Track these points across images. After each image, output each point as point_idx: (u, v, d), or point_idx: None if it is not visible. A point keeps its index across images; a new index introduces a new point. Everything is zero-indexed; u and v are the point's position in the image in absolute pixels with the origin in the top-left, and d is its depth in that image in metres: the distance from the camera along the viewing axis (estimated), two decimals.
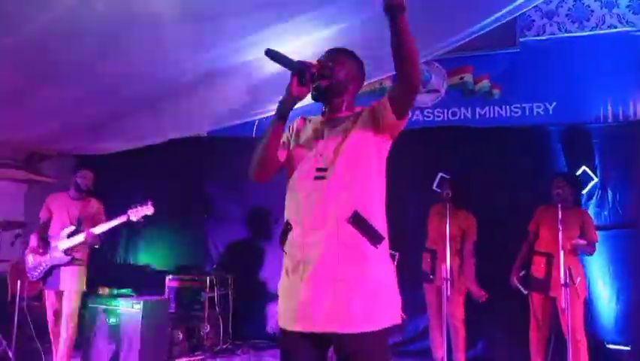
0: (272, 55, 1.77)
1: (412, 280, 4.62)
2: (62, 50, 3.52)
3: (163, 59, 3.93)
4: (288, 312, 1.79)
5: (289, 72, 1.81)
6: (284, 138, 1.95)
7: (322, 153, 1.82)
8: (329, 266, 1.71)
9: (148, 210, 4.02)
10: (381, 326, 1.70)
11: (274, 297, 5.55)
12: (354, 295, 1.69)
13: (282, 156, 1.92)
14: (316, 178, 1.79)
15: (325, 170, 1.79)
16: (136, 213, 4.00)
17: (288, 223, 1.85)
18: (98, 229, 4.01)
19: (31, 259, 4.12)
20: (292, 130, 2.00)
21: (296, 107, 1.86)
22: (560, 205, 3.66)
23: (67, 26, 3.17)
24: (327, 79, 1.84)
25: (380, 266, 1.76)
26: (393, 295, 1.79)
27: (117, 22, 3.25)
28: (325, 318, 1.68)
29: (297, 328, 1.73)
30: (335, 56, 1.91)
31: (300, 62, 1.77)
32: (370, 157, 1.82)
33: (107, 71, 3.95)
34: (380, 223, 1.79)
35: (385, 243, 1.79)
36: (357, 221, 1.73)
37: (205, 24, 3.49)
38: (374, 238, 1.74)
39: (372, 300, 1.70)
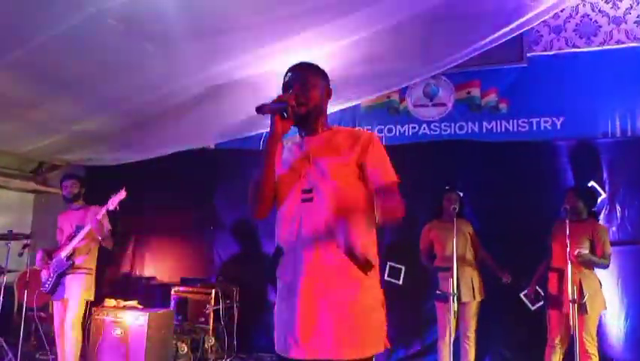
0: (264, 109, 1.75)
1: (418, 294, 4.60)
2: (73, 63, 3.57)
3: (172, 72, 3.98)
4: (281, 338, 1.78)
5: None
6: None
7: (308, 175, 1.81)
8: (318, 293, 1.71)
9: (121, 195, 4.08)
10: (369, 354, 1.73)
11: None
12: (342, 323, 1.69)
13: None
14: (303, 201, 1.78)
15: (311, 191, 1.78)
16: (112, 202, 4.06)
17: (279, 248, 1.85)
18: (98, 215, 4.06)
19: (43, 274, 4.18)
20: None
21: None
22: (567, 220, 3.62)
23: (79, 39, 3.22)
24: (304, 105, 1.82)
25: (369, 294, 1.76)
26: (381, 323, 1.79)
27: (128, 36, 3.29)
28: (315, 345, 1.69)
29: (291, 355, 1.73)
30: (305, 78, 1.87)
31: (279, 101, 1.76)
32: (358, 180, 1.82)
33: (117, 83, 4.00)
34: (370, 248, 1.78)
35: (375, 270, 1.79)
36: (350, 252, 1.70)
37: (214, 38, 3.53)
38: (364, 265, 1.73)
39: (361, 328, 1.71)
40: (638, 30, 4.87)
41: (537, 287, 4.07)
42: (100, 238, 4.11)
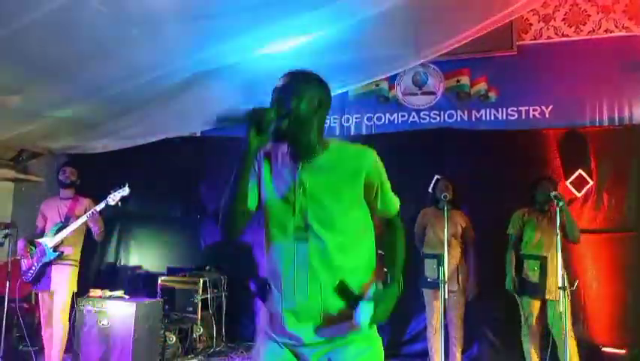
0: (223, 120, 1.62)
1: (406, 281, 4.60)
2: (55, 47, 3.46)
3: (157, 57, 3.89)
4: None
5: (282, 70, 1.69)
6: (253, 178, 1.69)
7: (302, 210, 1.60)
8: (314, 341, 1.62)
9: (124, 191, 4.04)
10: None
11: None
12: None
13: (252, 203, 1.67)
14: (297, 239, 1.61)
15: (306, 230, 1.60)
16: (114, 198, 4.01)
17: (268, 284, 1.71)
18: (97, 208, 4.00)
19: (24, 262, 4.09)
20: (260, 168, 1.72)
21: None
22: (559, 207, 3.62)
23: (61, 23, 3.11)
24: (286, 118, 1.58)
25: (369, 344, 1.65)
26: None
27: (112, 20, 3.19)
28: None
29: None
30: (291, 87, 1.63)
31: (253, 111, 1.55)
32: (358, 215, 1.67)
33: (100, 69, 3.89)
34: (372, 284, 1.67)
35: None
36: (344, 292, 1.59)
37: (200, 23, 3.45)
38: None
39: None
40: (626, 19, 4.88)
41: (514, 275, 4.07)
42: (96, 231, 4.04)
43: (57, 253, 4.00)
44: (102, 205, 4.02)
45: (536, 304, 3.88)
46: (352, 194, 1.63)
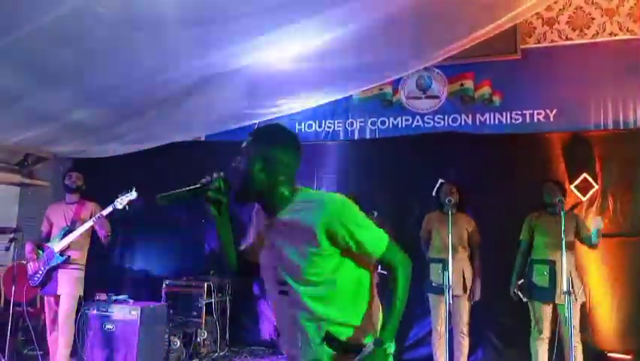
0: (165, 200, 1.61)
1: (410, 285, 4.59)
2: (61, 52, 3.48)
3: (162, 62, 3.91)
4: None
5: (286, 75, 1.73)
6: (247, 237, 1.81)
7: (277, 266, 1.62)
8: None
9: (131, 195, 4.03)
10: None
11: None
12: None
13: (232, 261, 1.77)
14: (280, 293, 1.63)
15: (285, 284, 1.60)
16: (121, 201, 4.00)
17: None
18: (104, 212, 4.00)
19: (30, 266, 4.09)
20: (257, 224, 1.77)
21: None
22: (561, 212, 3.62)
23: (68, 28, 3.13)
24: (239, 181, 1.60)
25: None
26: None
27: (118, 25, 3.21)
28: None
29: None
30: (245, 148, 1.62)
31: (196, 188, 1.60)
32: (332, 265, 1.58)
33: (106, 73, 3.92)
34: (364, 328, 1.62)
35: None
36: (331, 342, 1.58)
37: (204, 28, 3.47)
38: (357, 353, 1.56)
39: None
40: (630, 22, 4.88)
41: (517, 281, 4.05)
42: (104, 235, 4.05)
43: (64, 258, 4.01)
44: (110, 209, 4.02)
45: (547, 309, 3.84)
46: (312, 249, 1.55)
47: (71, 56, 3.56)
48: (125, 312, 4.15)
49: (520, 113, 5.11)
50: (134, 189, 4.05)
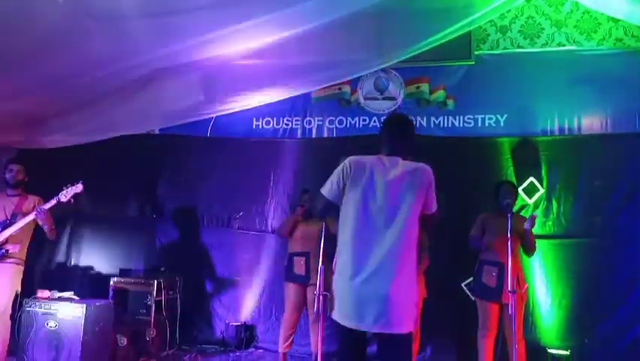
0: None
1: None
2: (7, 37, 3.32)
3: (115, 52, 3.80)
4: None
5: (244, 70, 1.72)
6: None
7: None
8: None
9: (77, 188, 3.94)
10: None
11: (224, 301, 5.47)
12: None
13: None
14: None
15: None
16: (66, 194, 3.91)
17: None
18: (47, 205, 3.88)
19: None
20: None
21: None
22: (510, 213, 3.74)
23: (18, 12, 2.99)
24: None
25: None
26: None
27: (71, 11, 3.10)
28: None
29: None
30: None
31: None
32: None
33: (55, 61, 3.77)
34: None
35: None
36: None
37: (161, 20, 3.39)
38: None
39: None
40: (577, 34, 5.10)
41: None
42: (48, 229, 3.89)
43: (1, 251, 3.83)
44: (53, 202, 3.90)
45: (494, 308, 3.97)
46: None
47: (18, 40, 3.40)
48: (69, 309, 4.00)
49: (472, 117, 5.26)
50: (80, 182, 3.92)
